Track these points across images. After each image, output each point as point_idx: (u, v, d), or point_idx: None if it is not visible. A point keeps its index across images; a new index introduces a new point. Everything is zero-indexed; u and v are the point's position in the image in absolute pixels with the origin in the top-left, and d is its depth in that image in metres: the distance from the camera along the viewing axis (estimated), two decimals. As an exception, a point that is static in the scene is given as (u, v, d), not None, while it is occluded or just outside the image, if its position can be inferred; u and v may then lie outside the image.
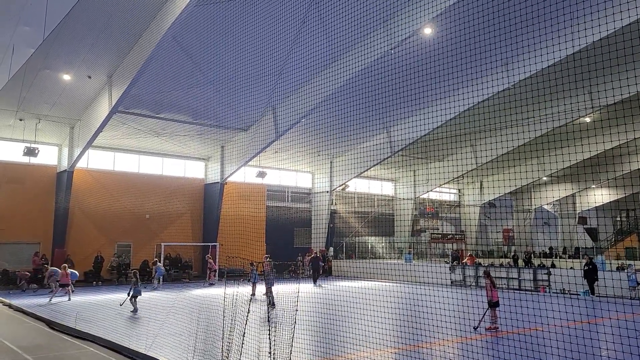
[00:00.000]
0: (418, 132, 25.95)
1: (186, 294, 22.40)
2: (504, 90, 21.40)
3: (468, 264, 28.84)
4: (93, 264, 27.48)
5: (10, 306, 18.15)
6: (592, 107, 24.76)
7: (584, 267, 22.56)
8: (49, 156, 27.59)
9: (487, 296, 13.90)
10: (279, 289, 16.19)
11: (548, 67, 18.65)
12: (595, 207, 43.36)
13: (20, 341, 11.90)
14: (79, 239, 27.50)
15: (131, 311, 16.62)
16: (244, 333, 8.68)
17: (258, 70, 21.63)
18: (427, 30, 21.08)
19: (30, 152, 25.02)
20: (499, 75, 19.45)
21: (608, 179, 38.08)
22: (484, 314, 13.61)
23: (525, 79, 20.67)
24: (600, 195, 43.12)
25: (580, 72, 11.77)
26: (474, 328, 13.18)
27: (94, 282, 26.89)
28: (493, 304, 13.69)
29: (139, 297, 17.19)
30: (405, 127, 26.82)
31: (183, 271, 30.31)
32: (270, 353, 8.51)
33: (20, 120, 24.83)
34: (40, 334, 13.09)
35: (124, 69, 22.03)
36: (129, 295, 16.99)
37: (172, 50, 21.43)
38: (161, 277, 25.81)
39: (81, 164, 27.32)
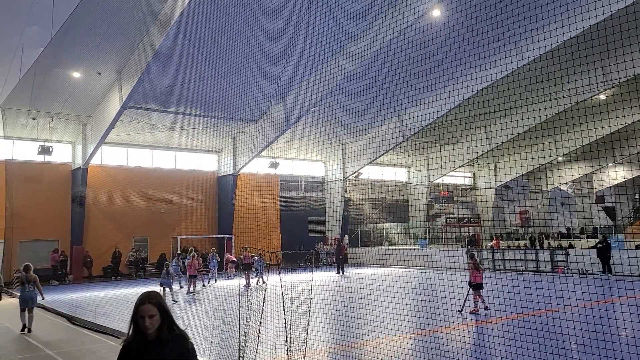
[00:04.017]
0: (430, 116, 25.71)
1: (203, 285, 22.59)
2: (516, 70, 21.08)
3: (494, 247, 28.65)
4: (111, 259, 27.83)
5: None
6: (605, 83, 24.26)
7: (597, 244, 22.46)
8: (63, 154, 27.90)
9: (471, 277, 13.92)
10: (292, 277, 16.23)
11: (558, 45, 18.27)
12: (613, 185, 42.74)
13: (42, 337, 12.10)
14: (96, 235, 27.84)
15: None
16: (261, 322, 8.71)
17: (266, 59, 21.54)
18: (436, 12, 20.79)
19: (45, 150, 25.31)
20: (511, 53, 19.11)
21: (622, 156, 37.48)
22: (467, 296, 13.61)
23: (537, 57, 20.31)
24: (619, 172, 42.43)
25: (592, 47, 11.53)
26: (458, 311, 13.24)
27: (113, 277, 27.25)
28: (474, 286, 13.67)
29: (168, 289, 17.54)
30: (416, 112, 26.56)
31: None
32: (286, 341, 8.54)
33: (34, 119, 25.09)
34: (61, 329, 13.30)
35: (133, 64, 22.10)
36: (161, 286, 17.38)
37: (179, 43, 21.41)
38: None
39: (95, 161, 27.57)
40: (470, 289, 13.71)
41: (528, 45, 18.83)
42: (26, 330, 12.65)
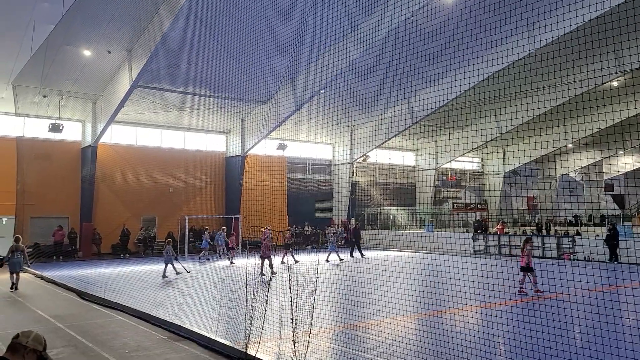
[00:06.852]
0: (439, 100, 25.56)
1: (210, 265, 22.85)
2: (528, 54, 20.84)
3: (499, 232, 28.64)
4: (120, 237, 28.14)
5: (42, 278, 18.77)
6: (618, 69, 23.99)
7: (607, 232, 22.60)
8: (73, 132, 28.07)
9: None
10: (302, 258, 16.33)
11: (570, 30, 18.05)
12: (623, 173, 42.43)
13: (52, 310, 12.34)
14: (105, 213, 28.12)
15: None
16: (267, 300, 8.83)
17: (276, 41, 21.43)
18: (448, -5, 20.53)
19: (55, 128, 25.47)
20: (523, 36, 18.86)
21: (632, 140, 37.10)
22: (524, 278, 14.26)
23: (549, 42, 20.06)
24: (629, 159, 42.09)
25: (604, 31, 11.38)
26: (518, 291, 13.83)
27: (122, 255, 27.59)
28: (523, 269, 14.23)
29: (169, 265, 18.79)
30: (426, 96, 26.40)
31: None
32: (292, 319, 8.65)
33: (44, 97, 25.18)
34: (71, 304, 13.54)
35: (143, 43, 22.07)
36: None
37: (190, 22, 21.34)
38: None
39: (104, 139, 27.72)
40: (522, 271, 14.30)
41: (540, 29, 18.61)
42: (14, 288, 15.64)
